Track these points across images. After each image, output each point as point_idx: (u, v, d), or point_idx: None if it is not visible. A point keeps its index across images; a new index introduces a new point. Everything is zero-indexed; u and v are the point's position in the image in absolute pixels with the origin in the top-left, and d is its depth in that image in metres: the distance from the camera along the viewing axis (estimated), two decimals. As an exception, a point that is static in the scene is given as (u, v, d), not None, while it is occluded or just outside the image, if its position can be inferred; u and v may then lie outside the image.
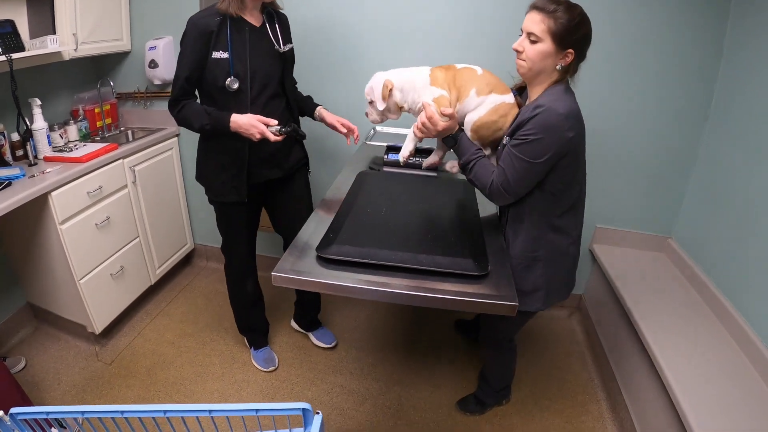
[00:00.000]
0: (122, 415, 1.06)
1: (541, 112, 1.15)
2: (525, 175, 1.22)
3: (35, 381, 1.95)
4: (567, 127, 1.16)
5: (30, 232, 1.91)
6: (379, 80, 1.38)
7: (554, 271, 1.38)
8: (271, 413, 1.04)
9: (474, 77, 1.35)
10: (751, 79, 1.72)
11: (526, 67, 1.22)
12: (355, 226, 1.33)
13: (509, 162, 1.22)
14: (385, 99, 1.37)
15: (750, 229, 1.65)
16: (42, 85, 2.13)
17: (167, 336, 2.24)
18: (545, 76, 1.23)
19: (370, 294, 1.11)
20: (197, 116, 1.53)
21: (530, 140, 1.17)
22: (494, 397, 1.86)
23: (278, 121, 1.53)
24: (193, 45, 1.48)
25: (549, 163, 1.19)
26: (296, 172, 1.83)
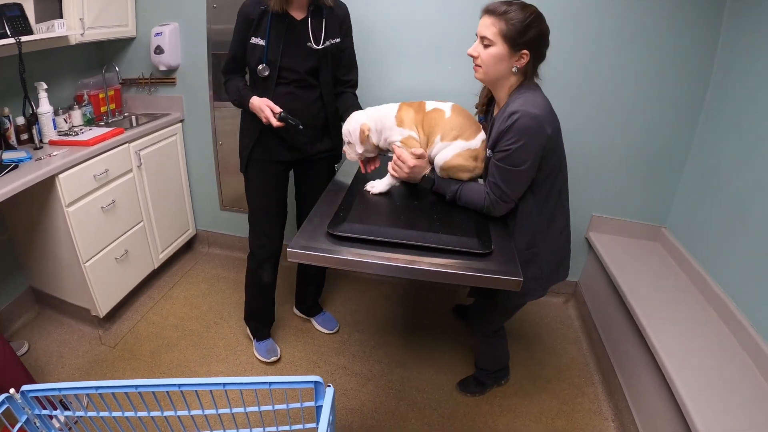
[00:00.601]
0: (136, 389, 1.07)
1: (517, 119, 1.18)
2: (517, 182, 1.27)
3: (39, 365, 1.97)
4: (544, 125, 1.20)
5: (35, 216, 1.92)
6: (356, 124, 1.43)
7: (551, 258, 1.44)
8: (284, 386, 1.07)
9: (440, 122, 1.39)
10: (746, 74, 1.76)
11: (482, 71, 1.25)
12: (364, 206, 1.38)
13: (499, 175, 1.27)
14: (363, 142, 1.44)
15: (741, 220, 1.70)
16: (47, 69, 2.14)
17: (170, 320, 2.27)
18: (505, 81, 1.26)
19: (379, 269, 1.15)
20: (232, 91, 1.70)
21: (514, 149, 1.20)
22: (493, 378, 1.91)
23: (282, 109, 1.58)
24: (239, 30, 1.62)
25: (536, 163, 1.24)
26: (321, 160, 1.86)
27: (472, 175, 1.40)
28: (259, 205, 1.86)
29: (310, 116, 1.70)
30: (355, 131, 1.43)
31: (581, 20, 1.95)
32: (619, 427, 1.80)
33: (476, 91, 2.09)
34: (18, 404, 1.07)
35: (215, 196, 2.69)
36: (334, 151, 1.87)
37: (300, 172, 1.88)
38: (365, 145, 1.45)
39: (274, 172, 1.81)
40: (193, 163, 2.63)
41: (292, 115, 1.58)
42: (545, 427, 1.80)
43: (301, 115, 1.63)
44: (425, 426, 1.77)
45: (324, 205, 1.42)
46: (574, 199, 2.23)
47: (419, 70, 2.18)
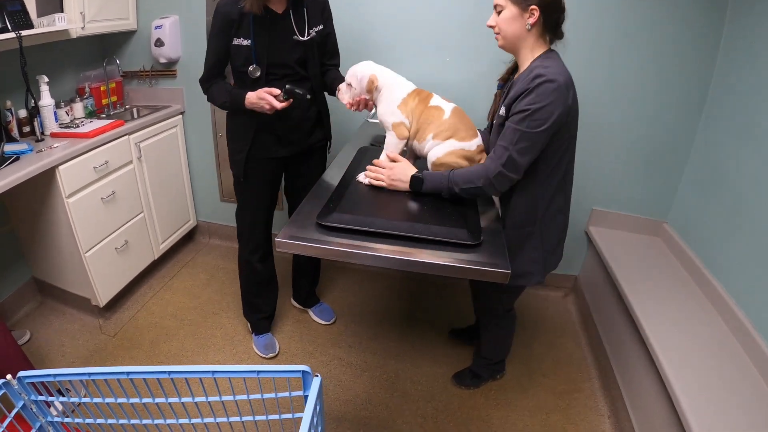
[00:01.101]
0: (128, 376, 1.08)
1: (541, 81, 1.16)
2: (530, 147, 1.21)
3: (40, 353, 2.00)
4: (567, 94, 1.18)
5: (37, 207, 1.95)
6: (368, 71, 1.41)
7: (548, 239, 1.42)
8: (272, 375, 1.08)
9: (437, 120, 1.38)
10: (749, 68, 1.73)
11: (501, 37, 1.27)
12: (355, 197, 1.38)
13: (512, 137, 1.21)
14: (368, 93, 1.42)
15: (743, 216, 1.67)
16: (49, 62, 2.16)
17: (170, 309, 2.29)
18: (524, 43, 1.26)
19: (366, 259, 1.15)
20: (220, 94, 1.63)
21: (534, 109, 1.17)
22: (489, 370, 1.90)
23: (280, 90, 1.54)
24: (217, 32, 1.56)
25: (552, 130, 1.20)
26: (314, 151, 1.87)
27: None
28: (251, 203, 1.84)
29: (303, 110, 1.71)
30: (363, 79, 1.40)
31: (583, 13, 1.92)
32: (614, 423, 1.79)
33: (476, 84, 2.12)
34: (15, 390, 1.09)
35: (215, 187, 2.71)
36: (327, 138, 1.88)
37: (294, 165, 1.87)
38: (369, 95, 1.42)
39: (271, 170, 1.81)
40: (194, 155, 2.65)
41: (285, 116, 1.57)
42: (540, 421, 1.79)
43: (296, 109, 1.64)
44: (418, 418, 1.78)
45: (315, 196, 1.41)
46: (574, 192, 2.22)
47: (419, 62, 2.17)
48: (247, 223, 1.87)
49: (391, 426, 1.74)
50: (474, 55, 2.11)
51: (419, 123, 1.39)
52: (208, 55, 1.62)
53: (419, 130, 1.40)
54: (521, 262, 1.42)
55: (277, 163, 1.80)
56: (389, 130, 1.40)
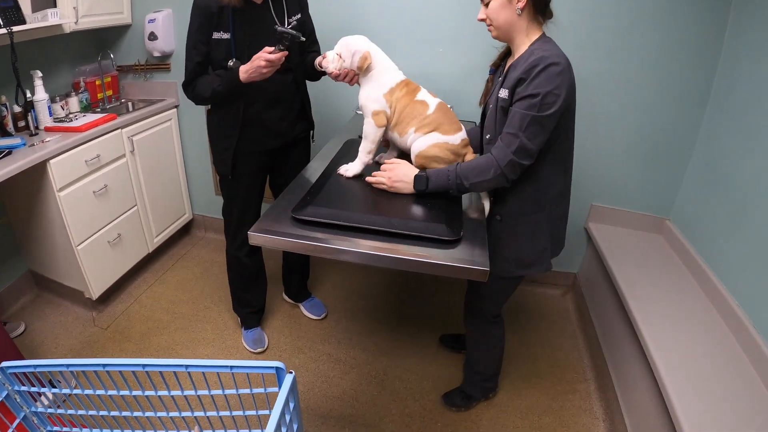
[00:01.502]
0: (104, 368, 1.09)
1: (547, 64, 1.13)
2: (540, 131, 1.17)
3: (34, 345, 2.02)
4: (571, 76, 1.17)
5: (31, 201, 1.97)
6: (363, 46, 1.35)
7: (554, 227, 1.39)
8: (245, 371, 1.06)
9: (420, 115, 1.34)
10: (753, 62, 1.66)
11: (494, 28, 1.24)
12: (335, 190, 1.34)
13: (521, 123, 1.17)
14: (360, 69, 1.36)
15: (748, 214, 1.60)
16: (44, 58, 2.17)
17: (162, 303, 2.30)
18: (518, 29, 1.23)
19: (338, 253, 1.12)
20: (208, 84, 1.56)
21: (543, 93, 1.13)
22: (481, 389, 1.80)
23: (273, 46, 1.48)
24: (198, 26, 1.51)
25: (560, 112, 1.16)
26: (298, 142, 1.85)
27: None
28: (239, 198, 1.82)
29: (288, 101, 1.69)
30: (357, 53, 1.33)
31: (583, 4, 1.88)
32: (609, 427, 1.74)
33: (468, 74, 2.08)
34: None
35: (211, 181, 2.71)
36: (311, 128, 1.87)
37: (280, 157, 1.84)
38: (359, 72, 1.36)
39: (259, 164, 1.79)
40: (189, 149, 2.65)
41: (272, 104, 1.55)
42: (531, 423, 1.75)
43: (282, 100, 1.62)
44: (405, 417, 1.75)
45: (294, 189, 1.39)
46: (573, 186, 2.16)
47: (412, 54, 2.13)
48: (234, 219, 1.85)
49: (377, 425, 1.72)
50: (467, 47, 2.06)
51: (402, 115, 1.35)
52: (191, 55, 1.56)
53: (401, 123, 1.36)
54: (531, 251, 1.38)
55: (264, 156, 1.78)
56: (368, 116, 1.36)
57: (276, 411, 0.95)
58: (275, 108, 1.66)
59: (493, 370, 1.76)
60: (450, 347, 2.07)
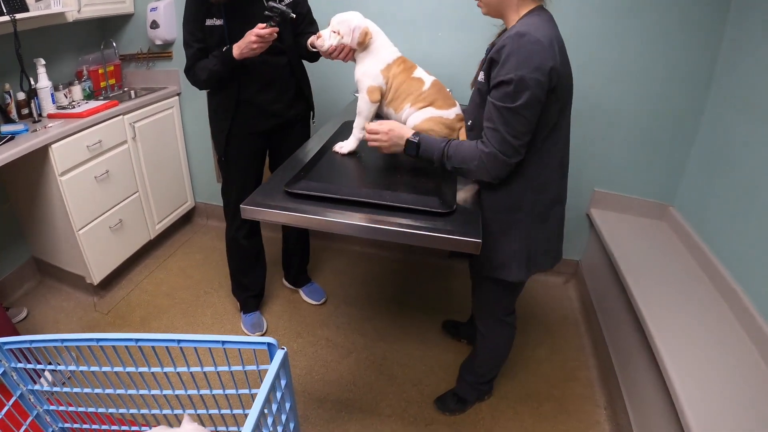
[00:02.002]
0: (98, 343, 1.09)
1: (515, 44, 1.03)
2: (521, 122, 1.07)
3: (35, 330, 2.04)
4: (546, 55, 1.03)
5: (33, 186, 1.99)
6: (362, 22, 1.34)
7: (535, 235, 1.26)
8: (237, 346, 1.05)
9: (415, 91, 1.33)
10: (757, 45, 1.63)
11: (484, 5, 1.17)
12: (328, 166, 1.35)
13: (498, 116, 1.07)
14: (359, 45, 1.34)
15: (752, 200, 1.57)
16: (47, 46, 2.19)
17: (163, 288, 2.31)
18: (507, 4, 1.14)
19: (327, 225, 1.11)
20: (205, 66, 1.58)
21: (512, 81, 1.03)
22: (476, 392, 1.72)
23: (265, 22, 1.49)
24: (193, 15, 1.54)
25: (539, 97, 1.05)
26: (298, 121, 1.86)
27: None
28: (236, 179, 1.84)
29: (282, 83, 1.70)
30: (357, 29, 1.31)
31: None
32: (610, 414, 1.71)
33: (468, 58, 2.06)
34: None
35: (213, 168, 2.72)
36: (309, 109, 1.88)
37: (277, 139, 1.85)
38: (359, 48, 1.35)
39: (254, 146, 1.80)
40: (191, 136, 2.67)
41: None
42: (531, 410, 1.73)
43: (277, 82, 1.63)
44: (402, 401, 1.74)
45: (289, 166, 1.39)
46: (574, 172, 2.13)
47: (410, 38, 2.12)
48: (232, 201, 1.86)
49: (373, 409, 1.71)
50: (467, 30, 2.05)
51: (398, 92, 1.35)
52: (189, 42, 1.58)
53: (396, 99, 1.35)
54: (499, 253, 1.28)
55: (260, 138, 1.79)
56: (362, 91, 1.35)
57: (265, 385, 0.94)
58: (269, 90, 1.68)
59: (492, 373, 1.68)
60: (450, 334, 2.05)
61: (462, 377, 1.72)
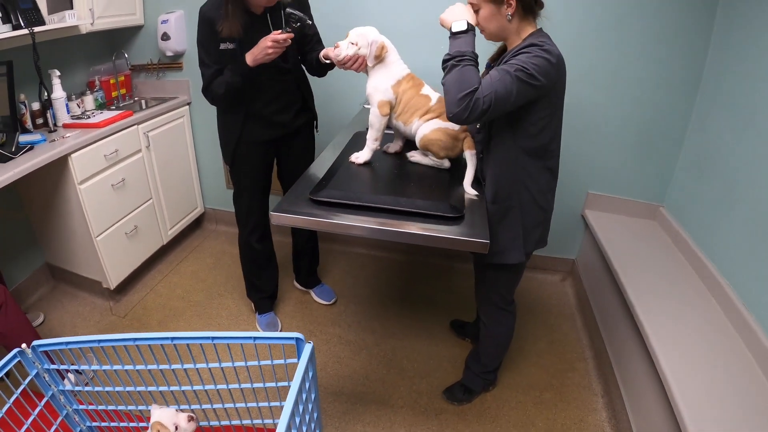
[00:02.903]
0: (134, 342, 1.16)
1: (535, 48, 1.17)
2: (509, 92, 1.15)
3: (53, 334, 2.08)
4: (557, 66, 1.19)
5: (50, 194, 2.05)
6: (379, 37, 1.43)
7: (528, 220, 1.41)
8: (267, 341, 1.15)
9: (423, 107, 1.44)
10: (743, 49, 1.73)
11: (486, 33, 1.29)
12: (347, 175, 1.45)
13: (499, 77, 1.16)
14: (376, 59, 1.44)
15: (737, 198, 1.67)
16: (60, 57, 2.26)
17: (177, 292, 2.39)
18: (510, 32, 1.27)
19: (351, 230, 1.22)
20: (222, 81, 1.63)
21: (524, 62, 1.15)
22: (482, 382, 1.83)
23: (279, 30, 1.55)
24: (209, 38, 1.59)
25: (532, 89, 1.16)
26: (302, 129, 1.94)
27: (448, 152, 1.44)
28: (246, 186, 1.93)
29: (290, 98, 1.80)
30: (375, 43, 1.41)
31: (573, -3, 1.95)
32: (607, 402, 1.82)
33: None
34: (29, 359, 1.17)
35: (222, 175, 2.81)
36: (314, 118, 1.96)
37: (284, 146, 1.94)
38: (375, 61, 1.43)
39: (261, 154, 1.89)
40: (201, 144, 2.75)
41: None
42: (533, 398, 1.84)
43: (283, 97, 1.75)
44: (413, 393, 1.84)
45: (310, 176, 1.48)
46: (569, 175, 2.23)
47: (413, 51, 2.19)
48: (244, 207, 1.96)
49: (386, 401, 1.80)
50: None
51: (408, 106, 1.46)
52: (206, 62, 1.64)
53: (405, 112, 1.46)
54: (498, 239, 1.41)
55: (266, 146, 1.88)
56: (373, 105, 1.46)
57: (297, 378, 1.03)
58: (276, 104, 1.78)
59: (496, 362, 1.80)
60: (456, 332, 2.15)
61: (468, 368, 1.83)
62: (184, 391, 1.25)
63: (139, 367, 1.22)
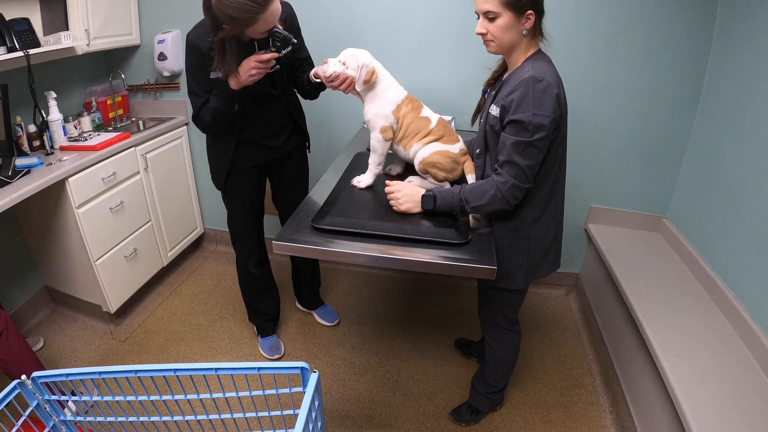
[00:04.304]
0: (136, 374, 1.14)
1: (530, 85, 1.15)
2: (536, 154, 1.19)
3: (53, 359, 2.07)
4: (556, 91, 1.16)
5: (48, 218, 2.03)
6: (370, 61, 1.40)
7: (535, 249, 1.39)
8: (272, 371, 1.12)
9: (423, 129, 1.42)
10: (742, 60, 1.73)
11: (495, 45, 1.24)
12: (349, 200, 1.42)
13: (515, 149, 1.18)
14: (365, 84, 1.40)
15: (740, 209, 1.67)
16: (56, 78, 2.24)
17: (178, 315, 2.36)
18: (518, 47, 1.25)
19: (357, 258, 1.20)
20: (208, 108, 1.59)
21: (529, 120, 1.15)
22: (489, 402, 1.81)
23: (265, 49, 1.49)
24: (197, 67, 1.55)
25: (550, 130, 1.18)
26: (295, 152, 1.91)
27: (448, 175, 1.42)
28: (239, 212, 1.91)
29: (281, 123, 1.78)
30: (365, 67, 1.38)
31: (574, 8, 1.96)
32: (615, 418, 1.80)
33: (468, 87, 2.16)
34: (29, 390, 1.14)
35: (220, 195, 2.76)
36: (306, 140, 1.94)
37: (276, 170, 1.92)
38: (364, 86, 1.40)
39: (254, 180, 1.86)
40: (199, 164, 2.73)
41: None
42: (541, 417, 1.82)
43: (273, 123, 1.73)
44: (420, 415, 1.81)
45: (311, 200, 1.47)
46: (571, 189, 2.22)
47: (412, 68, 2.21)
48: (239, 232, 1.95)
49: (393, 424, 1.78)
50: (467, 60, 2.14)
51: (408, 130, 1.43)
52: (196, 91, 1.60)
53: (406, 137, 1.44)
54: (503, 265, 1.40)
55: (259, 171, 1.86)
56: (375, 131, 1.43)
57: (304, 408, 1.01)
58: (267, 130, 1.76)
59: (502, 382, 1.77)
60: (461, 351, 2.13)
61: (475, 389, 1.80)
62: (188, 421, 1.23)
63: (142, 397, 1.19)
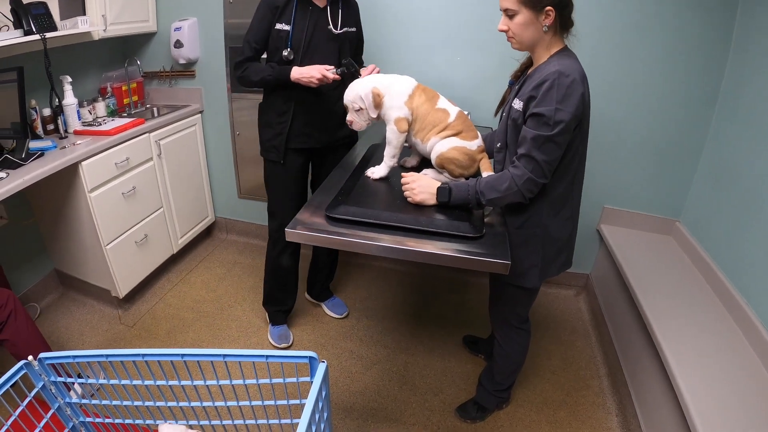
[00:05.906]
0: (143, 358, 1.13)
1: (554, 80, 1.14)
2: (554, 150, 1.19)
3: (60, 342, 2.08)
4: (581, 88, 1.15)
5: (60, 201, 2.04)
6: (367, 89, 1.41)
7: (549, 248, 1.39)
8: (280, 360, 1.12)
9: (441, 123, 1.40)
10: (761, 64, 1.71)
11: (516, 42, 1.24)
12: (364, 190, 1.42)
13: (534, 143, 1.18)
14: (378, 107, 1.41)
15: (756, 214, 1.64)
16: (72, 63, 2.25)
17: (187, 302, 2.37)
18: (540, 44, 1.23)
19: (370, 249, 1.18)
20: (260, 71, 1.70)
21: (550, 114, 1.15)
22: (495, 400, 1.79)
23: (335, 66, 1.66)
24: (262, 16, 1.68)
25: (571, 127, 1.17)
26: (341, 146, 1.93)
27: (464, 172, 1.40)
28: (287, 192, 1.91)
29: (333, 101, 1.78)
30: (368, 97, 1.40)
31: (592, 7, 1.93)
32: (621, 421, 1.79)
33: (485, 82, 2.14)
34: (35, 371, 1.15)
35: (233, 184, 2.79)
36: (354, 137, 1.97)
37: (320, 159, 1.94)
38: (378, 109, 1.42)
39: (303, 160, 1.89)
40: (212, 153, 2.74)
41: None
42: (547, 417, 1.80)
43: (326, 99, 1.76)
44: (425, 410, 1.81)
45: (326, 189, 1.46)
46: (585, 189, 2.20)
47: (429, 61, 2.20)
48: (278, 223, 1.94)
49: (398, 418, 1.77)
50: (485, 55, 2.13)
51: (425, 122, 1.41)
52: (250, 39, 1.71)
53: (423, 129, 1.42)
54: (519, 263, 1.39)
55: (305, 155, 1.89)
56: (390, 123, 1.42)
57: (311, 398, 1.00)
58: (321, 111, 1.79)
59: (510, 381, 1.76)
60: (469, 348, 2.12)
61: (482, 385, 1.80)
62: (193, 407, 1.23)
63: (148, 382, 1.19)
